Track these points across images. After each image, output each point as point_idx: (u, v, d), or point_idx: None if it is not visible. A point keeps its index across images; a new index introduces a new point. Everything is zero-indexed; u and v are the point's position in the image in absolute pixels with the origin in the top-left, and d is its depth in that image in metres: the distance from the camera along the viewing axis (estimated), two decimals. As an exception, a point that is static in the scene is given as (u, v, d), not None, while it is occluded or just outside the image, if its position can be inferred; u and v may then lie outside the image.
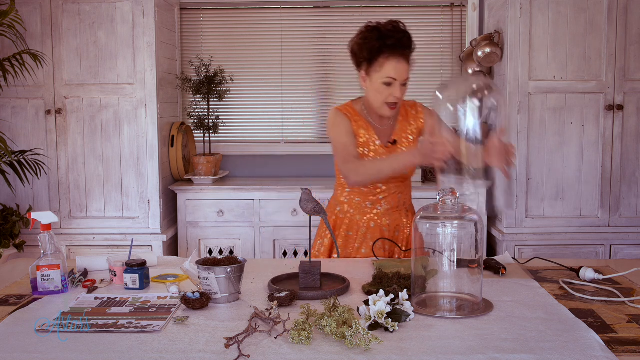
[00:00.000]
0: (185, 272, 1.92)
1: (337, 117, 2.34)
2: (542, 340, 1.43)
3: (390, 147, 2.35)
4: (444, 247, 1.67)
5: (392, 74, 2.21)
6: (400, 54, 2.20)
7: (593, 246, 3.66)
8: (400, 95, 2.25)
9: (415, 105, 2.43)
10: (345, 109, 2.37)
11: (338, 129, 2.32)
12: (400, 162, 2.16)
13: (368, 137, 2.33)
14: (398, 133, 2.37)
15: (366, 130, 2.34)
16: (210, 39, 4.28)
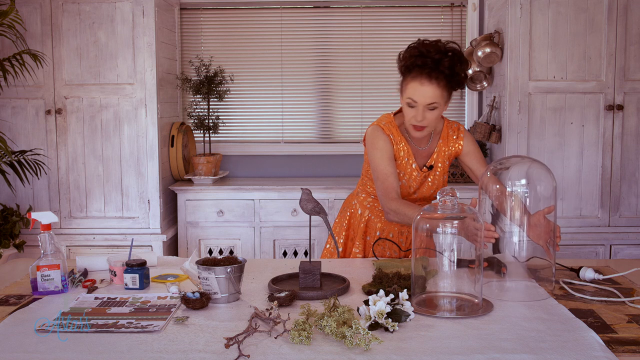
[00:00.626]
0: (185, 272, 1.92)
1: (379, 138, 2.22)
2: (542, 340, 1.43)
3: (426, 171, 2.28)
4: (444, 247, 1.67)
5: (412, 95, 2.09)
6: (427, 76, 2.06)
7: (593, 246, 3.66)
8: (420, 119, 2.11)
9: (458, 129, 2.31)
10: (388, 127, 2.25)
11: (380, 153, 2.20)
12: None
13: (406, 160, 2.26)
14: (435, 157, 2.29)
15: (405, 151, 2.25)
16: (210, 39, 4.28)
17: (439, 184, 2.32)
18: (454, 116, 4.26)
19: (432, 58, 2.06)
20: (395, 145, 2.24)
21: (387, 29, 4.24)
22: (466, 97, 4.23)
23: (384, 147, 2.21)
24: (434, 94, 2.07)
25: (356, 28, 4.25)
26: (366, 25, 4.24)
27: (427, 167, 2.29)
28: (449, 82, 2.10)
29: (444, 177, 2.33)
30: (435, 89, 2.07)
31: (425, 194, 2.32)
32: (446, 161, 2.32)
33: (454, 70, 2.08)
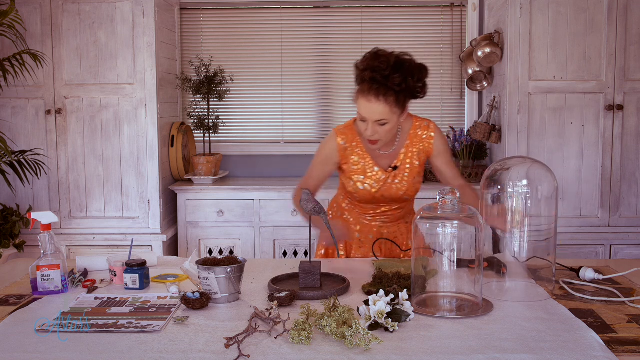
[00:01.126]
0: (185, 272, 1.92)
1: (326, 143, 2.27)
2: (542, 340, 1.43)
3: (391, 172, 2.25)
4: (444, 247, 1.67)
5: (361, 111, 2.08)
6: (375, 93, 2.02)
7: (593, 246, 3.66)
8: (371, 134, 2.09)
9: (428, 127, 2.26)
10: (343, 131, 2.26)
11: (320, 152, 2.29)
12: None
13: (363, 164, 2.24)
14: (402, 157, 2.25)
15: (361, 156, 2.24)
16: (210, 39, 4.28)
17: (410, 184, 2.26)
18: (454, 116, 4.26)
19: (382, 74, 2.02)
20: (349, 148, 2.24)
21: (387, 29, 4.24)
22: (466, 97, 4.23)
23: (325, 152, 2.27)
24: (383, 112, 2.04)
25: (356, 28, 4.25)
26: (366, 25, 4.24)
27: (392, 167, 2.25)
28: (399, 96, 2.06)
29: (416, 177, 2.27)
30: (383, 107, 2.03)
31: (395, 195, 2.27)
32: (416, 161, 2.25)
33: (402, 87, 2.04)
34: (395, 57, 2.05)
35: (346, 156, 2.24)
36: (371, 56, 2.06)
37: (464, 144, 3.98)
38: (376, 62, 2.03)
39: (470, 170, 3.91)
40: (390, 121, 2.08)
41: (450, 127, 4.15)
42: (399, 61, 2.05)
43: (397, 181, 2.25)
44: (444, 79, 4.25)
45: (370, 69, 2.03)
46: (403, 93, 2.06)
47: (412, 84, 2.06)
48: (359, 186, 2.25)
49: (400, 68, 2.03)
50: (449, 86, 4.25)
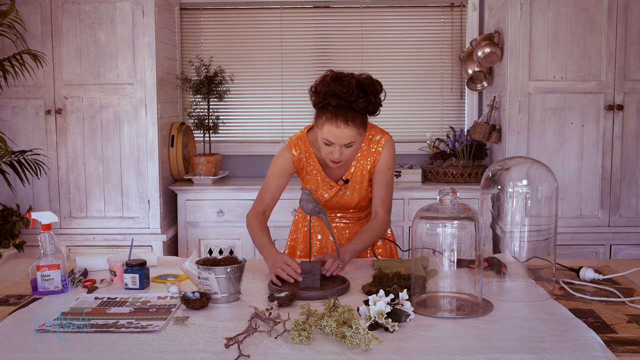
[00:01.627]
0: (185, 272, 1.92)
1: (282, 155, 2.25)
2: (542, 340, 1.43)
3: (342, 185, 2.25)
4: (444, 247, 1.67)
5: (328, 137, 2.05)
6: (342, 119, 2.00)
7: (593, 246, 3.66)
8: (338, 157, 2.08)
9: (379, 141, 2.24)
10: (297, 144, 2.24)
11: (275, 165, 2.25)
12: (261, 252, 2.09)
13: (315, 174, 2.25)
14: (353, 170, 2.24)
15: (313, 166, 2.24)
16: (210, 39, 4.28)
17: (362, 196, 2.26)
18: (454, 116, 4.26)
19: (347, 99, 2.00)
20: (305, 158, 2.24)
21: (387, 29, 4.24)
22: (466, 97, 4.23)
23: (280, 164, 2.24)
24: (351, 135, 2.04)
25: (356, 28, 4.25)
26: (366, 25, 4.24)
27: (343, 180, 2.24)
28: (364, 117, 2.08)
29: (368, 188, 2.26)
30: (352, 130, 2.03)
31: (347, 205, 2.28)
32: (367, 174, 2.24)
33: (369, 108, 2.05)
34: (357, 80, 2.03)
35: (300, 167, 2.26)
36: (332, 80, 2.03)
37: (464, 144, 3.98)
38: (339, 87, 2.00)
39: (470, 170, 3.91)
40: (356, 142, 2.09)
41: (450, 127, 4.15)
42: (360, 83, 2.03)
43: (348, 193, 2.26)
44: (444, 79, 4.25)
45: (334, 94, 2.01)
46: (367, 113, 2.08)
47: (374, 103, 2.06)
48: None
49: (363, 90, 2.02)
50: (449, 86, 4.25)
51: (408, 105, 4.27)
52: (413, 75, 4.26)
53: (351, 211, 2.34)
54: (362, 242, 2.17)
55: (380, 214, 2.23)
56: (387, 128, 4.33)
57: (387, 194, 2.25)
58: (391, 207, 2.29)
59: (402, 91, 4.25)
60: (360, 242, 2.16)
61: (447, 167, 3.94)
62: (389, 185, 2.25)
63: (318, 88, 2.06)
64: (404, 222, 3.80)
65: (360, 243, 2.16)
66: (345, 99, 1.99)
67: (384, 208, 2.25)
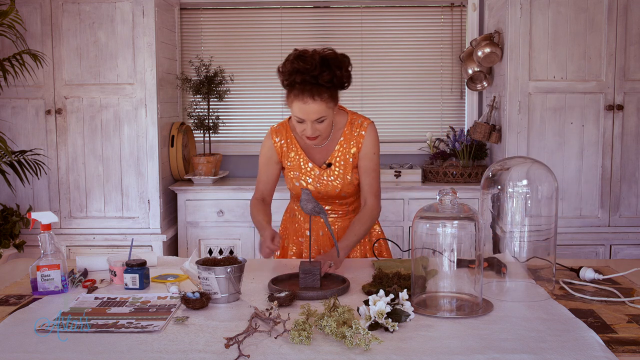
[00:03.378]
0: (185, 272, 1.92)
1: (264, 144, 2.32)
2: (542, 340, 1.43)
3: (325, 169, 2.26)
4: (444, 247, 1.67)
5: (298, 114, 2.08)
6: (309, 94, 2.04)
7: (593, 246, 3.66)
8: (311, 133, 2.11)
9: (361, 124, 2.25)
10: (278, 129, 2.30)
11: (261, 155, 2.34)
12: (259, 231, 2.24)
13: (298, 160, 2.27)
14: (337, 154, 2.25)
15: (296, 152, 2.27)
16: (210, 39, 4.28)
17: (345, 181, 2.25)
18: (454, 116, 4.26)
19: (311, 74, 2.03)
20: (286, 145, 2.29)
21: (387, 29, 4.24)
22: (466, 97, 4.23)
23: (265, 153, 2.32)
24: (320, 110, 2.06)
25: (356, 28, 4.25)
26: (366, 25, 4.24)
27: (325, 164, 2.26)
28: (332, 91, 2.09)
29: (352, 174, 2.25)
30: (320, 105, 2.06)
31: (331, 192, 2.27)
32: (350, 158, 2.24)
33: (334, 82, 2.07)
34: (320, 55, 2.07)
35: (283, 153, 2.29)
36: (295, 58, 2.06)
37: (464, 144, 3.98)
38: (302, 64, 2.04)
39: (470, 170, 3.91)
40: (328, 116, 2.11)
41: (450, 127, 4.15)
42: (324, 58, 2.07)
43: (331, 178, 2.26)
44: (444, 79, 4.25)
45: (299, 71, 2.04)
46: (334, 87, 2.10)
47: (340, 76, 2.09)
48: (294, 182, 2.29)
49: (326, 64, 2.06)
50: (449, 86, 4.25)
51: (408, 105, 4.27)
52: (413, 75, 4.26)
53: (337, 202, 2.32)
54: (354, 236, 2.18)
55: (369, 201, 2.25)
56: (387, 128, 4.35)
57: (375, 180, 2.27)
58: (380, 193, 2.30)
59: (402, 91, 4.26)
60: (352, 236, 2.18)
61: (447, 167, 3.94)
62: (376, 171, 2.27)
63: (283, 68, 2.10)
64: (404, 222, 3.80)
65: (352, 237, 2.18)
66: (309, 74, 2.03)
67: (372, 194, 2.26)
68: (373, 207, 2.25)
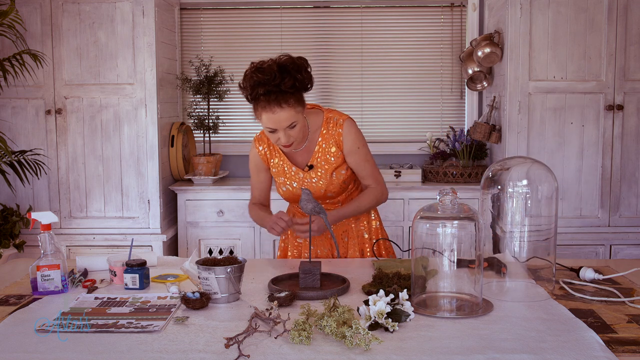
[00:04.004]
0: (185, 272, 1.92)
1: (251, 153, 2.36)
2: (542, 340, 1.43)
3: (307, 171, 2.26)
4: (444, 247, 1.67)
5: (268, 124, 2.09)
6: (275, 103, 2.04)
7: (593, 246, 3.66)
8: (285, 141, 2.12)
9: (337, 122, 2.24)
10: (261, 138, 2.32)
11: (250, 164, 2.39)
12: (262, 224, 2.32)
13: (281, 165, 2.29)
14: (317, 156, 2.25)
15: (279, 157, 2.30)
16: (210, 39, 4.28)
17: (328, 181, 2.25)
18: (454, 116, 4.26)
19: (273, 84, 2.02)
20: (269, 151, 2.31)
21: (387, 29, 4.24)
22: (466, 97, 4.23)
23: (252, 161, 2.36)
24: (289, 116, 2.06)
25: (356, 28, 4.25)
26: (366, 25, 4.24)
27: (307, 166, 2.26)
28: (297, 96, 2.09)
29: (335, 173, 2.25)
30: (288, 112, 2.06)
31: (318, 193, 2.27)
32: (331, 157, 2.24)
33: (296, 85, 2.06)
34: (277, 63, 2.06)
35: (268, 160, 2.32)
36: (253, 72, 2.05)
37: (464, 144, 3.98)
38: (262, 75, 2.03)
39: (470, 170, 3.91)
40: (298, 121, 2.11)
41: (450, 127, 4.15)
42: (281, 65, 2.05)
43: (315, 179, 2.26)
44: (444, 79, 4.25)
45: (260, 83, 2.03)
46: (298, 91, 2.09)
47: (301, 79, 2.08)
48: (282, 188, 2.30)
49: (285, 70, 2.04)
50: (449, 86, 4.25)
51: (408, 105, 4.27)
52: (413, 75, 4.26)
53: (328, 202, 2.32)
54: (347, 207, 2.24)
55: (372, 185, 2.29)
56: (388, 128, 4.36)
57: (371, 168, 2.29)
58: (381, 179, 2.33)
59: (402, 91, 4.26)
60: (345, 208, 2.24)
61: (447, 167, 3.94)
62: (369, 160, 2.28)
63: (244, 83, 2.10)
64: (404, 222, 3.80)
65: (344, 208, 2.24)
66: (271, 84, 2.03)
67: (373, 179, 2.29)
68: (373, 188, 2.29)
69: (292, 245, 2.42)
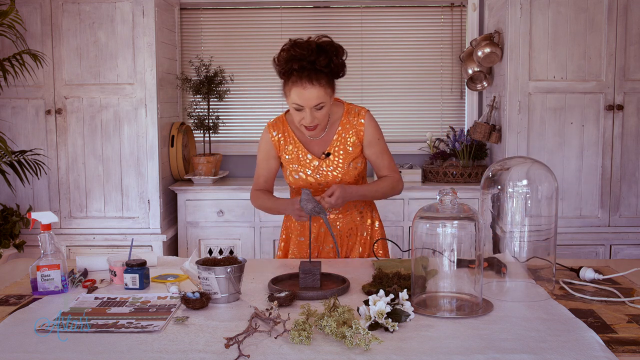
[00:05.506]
0: (185, 272, 1.92)
1: (262, 139, 2.33)
2: (542, 340, 1.43)
3: (324, 159, 2.26)
4: (444, 247, 1.67)
5: (297, 100, 2.08)
6: (307, 79, 2.04)
7: (593, 246, 3.66)
8: (310, 121, 2.11)
9: (359, 113, 2.27)
10: (276, 124, 2.30)
11: (259, 150, 2.35)
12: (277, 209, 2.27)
13: (296, 152, 2.27)
14: (335, 144, 2.26)
15: (294, 144, 2.28)
16: (210, 39, 4.28)
17: (345, 171, 2.26)
18: (454, 116, 4.26)
19: (308, 60, 2.04)
20: (283, 138, 2.29)
21: (387, 29, 4.24)
22: (466, 97, 4.23)
23: (263, 148, 2.33)
24: (319, 95, 2.07)
25: (356, 28, 4.25)
26: (366, 25, 4.24)
27: (324, 154, 2.26)
28: (330, 77, 2.11)
29: (352, 163, 2.26)
30: (318, 90, 2.06)
31: (331, 183, 2.27)
32: (349, 147, 2.25)
33: (331, 67, 2.08)
34: (315, 42, 2.08)
35: (281, 147, 2.30)
36: (291, 46, 2.07)
37: (464, 144, 3.98)
38: (299, 50, 2.05)
39: (470, 170, 3.91)
40: (326, 103, 2.11)
41: (450, 127, 4.15)
42: (320, 45, 2.08)
43: (331, 168, 2.26)
44: (444, 79, 4.25)
45: (295, 58, 2.05)
46: (331, 73, 2.11)
47: (336, 62, 2.10)
48: (294, 175, 2.29)
49: (322, 50, 2.07)
50: (449, 86, 4.25)
51: (408, 105, 4.27)
52: (413, 75, 4.26)
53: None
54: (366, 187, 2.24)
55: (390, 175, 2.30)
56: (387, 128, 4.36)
57: (389, 159, 2.31)
58: (398, 170, 2.35)
59: (402, 91, 4.26)
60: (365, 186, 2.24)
61: (447, 167, 3.94)
62: (387, 152, 2.31)
63: (279, 57, 2.10)
64: (404, 222, 3.80)
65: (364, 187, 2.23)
66: (306, 59, 2.04)
67: (390, 170, 2.31)
68: (392, 177, 2.30)
69: (294, 243, 2.41)
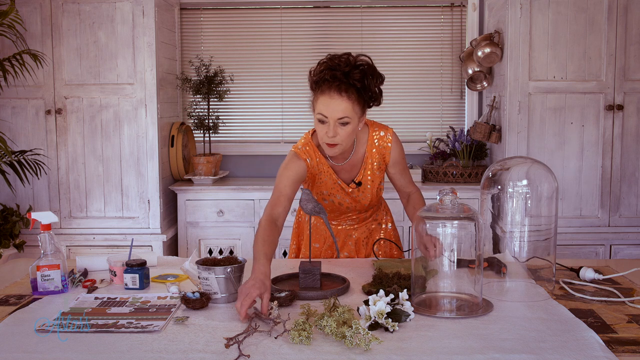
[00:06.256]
0: (185, 272, 1.92)
1: (294, 161, 2.12)
2: (542, 340, 1.43)
3: (354, 187, 2.20)
4: (444, 247, 1.67)
5: (322, 110, 1.98)
6: (337, 89, 1.95)
7: (593, 246, 3.66)
8: (332, 135, 1.99)
9: (385, 137, 2.19)
10: (304, 149, 2.15)
11: (288, 173, 2.10)
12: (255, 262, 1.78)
13: (328, 177, 2.19)
14: (364, 172, 2.20)
15: (325, 171, 2.18)
16: (210, 39, 4.28)
17: (374, 195, 2.25)
18: (454, 116, 4.26)
19: (342, 71, 1.97)
20: (316, 165, 2.16)
21: (387, 29, 4.24)
22: (466, 97, 4.23)
23: (296, 169, 2.11)
24: (345, 108, 1.96)
25: (356, 28, 4.25)
26: (366, 25, 4.24)
27: (355, 183, 2.20)
28: (360, 95, 2.00)
29: (379, 186, 2.25)
30: (346, 103, 1.96)
31: (360, 207, 2.27)
32: (377, 172, 2.21)
33: (364, 83, 1.99)
34: (354, 57, 2.03)
35: (313, 173, 2.18)
36: (328, 59, 2.02)
37: (464, 144, 3.98)
38: (335, 61, 2.00)
39: (470, 170, 3.91)
40: (352, 121, 2.00)
41: (450, 127, 4.15)
42: (357, 60, 2.02)
43: (361, 194, 2.23)
44: (444, 79, 4.25)
45: (329, 67, 1.99)
46: (363, 92, 2.01)
47: (370, 83, 2.02)
48: (323, 200, 2.24)
49: (359, 66, 2.01)
50: (449, 86, 4.25)
51: (408, 105, 4.27)
52: (413, 75, 4.26)
53: (357, 212, 2.32)
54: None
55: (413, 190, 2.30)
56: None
57: (409, 176, 2.32)
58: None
59: (402, 91, 4.25)
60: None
61: (447, 167, 3.94)
62: (407, 168, 2.31)
63: (315, 70, 2.04)
64: (404, 222, 3.80)
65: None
66: (340, 70, 1.97)
67: (413, 185, 2.31)
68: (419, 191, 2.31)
69: (306, 247, 2.40)
